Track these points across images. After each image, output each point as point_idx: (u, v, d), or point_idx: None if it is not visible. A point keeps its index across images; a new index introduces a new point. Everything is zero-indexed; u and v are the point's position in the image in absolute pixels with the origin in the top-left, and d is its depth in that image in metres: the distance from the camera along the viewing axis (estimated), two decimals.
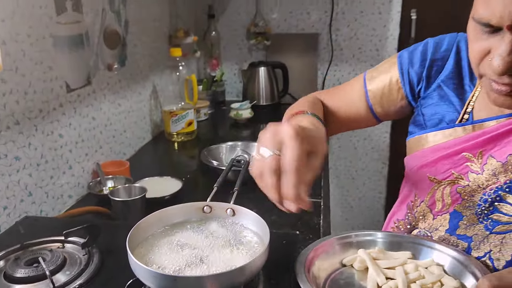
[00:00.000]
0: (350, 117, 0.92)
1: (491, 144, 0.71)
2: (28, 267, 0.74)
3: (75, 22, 1.20)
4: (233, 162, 0.89)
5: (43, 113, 1.09)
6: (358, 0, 2.17)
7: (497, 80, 0.62)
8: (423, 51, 0.83)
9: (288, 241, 0.84)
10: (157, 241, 0.72)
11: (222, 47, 2.32)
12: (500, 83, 0.62)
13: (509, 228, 0.68)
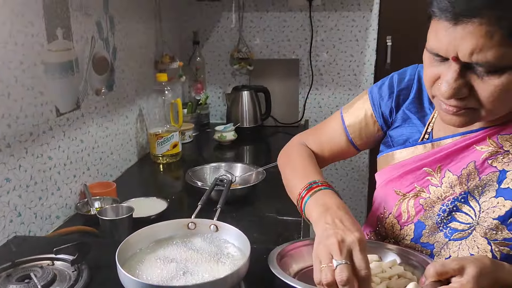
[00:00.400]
0: (334, 153, 1.00)
1: (448, 159, 0.78)
2: (19, 283, 0.78)
3: (65, 50, 1.26)
4: (216, 181, 0.95)
5: (33, 136, 1.13)
6: (337, 28, 2.28)
7: (445, 102, 0.69)
8: (389, 84, 0.91)
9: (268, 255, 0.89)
10: (145, 255, 0.76)
11: (207, 71, 2.40)
12: (448, 104, 0.69)
13: (464, 234, 0.75)
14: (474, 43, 0.62)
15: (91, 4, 1.40)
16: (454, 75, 0.66)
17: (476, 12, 0.61)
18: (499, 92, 0.65)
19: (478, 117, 0.70)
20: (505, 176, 0.73)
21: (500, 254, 0.72)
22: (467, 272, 0.62)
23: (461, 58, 0.64)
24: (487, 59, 0.62)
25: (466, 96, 0.67)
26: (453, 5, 0.62)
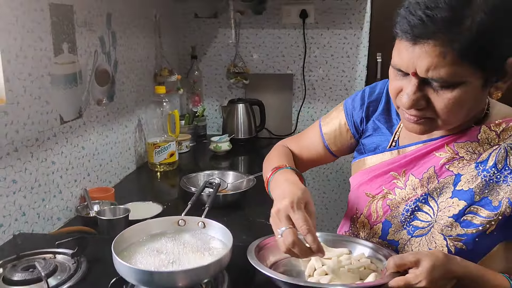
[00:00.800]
0: (312, 157, 1.10)
1: (411, 164, 0.87)
2: (24, 272, 0.86)
3: (70, 63, 1.36)
4: (206, 184, 1.03)
5: (38, 142, 1.22)
6: (329, 45, 2.39)
7: (407, 112, 0.79)
8: (361, 97, 1.01)
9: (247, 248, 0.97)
10: (138, 247, 0.85)
11: (204, 85, 2.50)
12: (409, 114, 0.78)
13: (424, 232, 0.83)
14: (429, 61, 0.71)
15: (95, 21, 1.50)
16: (413, 88, 0.75)
17: (431, 35, 0.70)
18: (452, 105, 0.74)
19: (435, 126, 0.79)
20: (460, 179, 0.81)
21: (455, 248, 0.80)
22: (422, 264, 0.71)
23: (419, 74, 0.73)
24: (440, 75, 0.71)
25: (424, 107, 0.76)
26: (412, 28, 0.72)
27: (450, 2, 0.69)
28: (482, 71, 0.72)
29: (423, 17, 0.70)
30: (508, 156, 0.79)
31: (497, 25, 0.69)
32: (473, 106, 0.78)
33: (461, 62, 0.70)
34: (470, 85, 0.73)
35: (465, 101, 0.74)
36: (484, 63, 0.71)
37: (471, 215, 0.79)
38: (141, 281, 0.74)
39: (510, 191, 0.77)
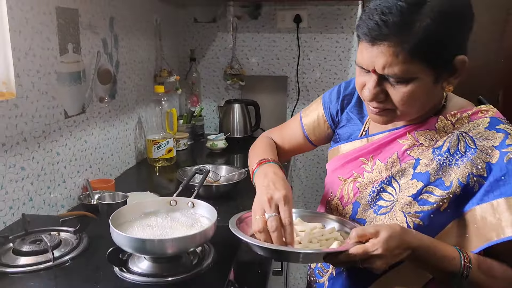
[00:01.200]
0: (293, 146, 1.21)
1: (378, 151, 0.97)
2: (32, 244, 0.96)
3: (75, 62, 1.47)
4: (196, 170, 1.14)
5: (45, 134, 1.33)
6: (322, 48, 2.50)
7: (370, 104, 0.89)
8: (337, 91, 1.12)
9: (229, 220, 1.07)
10: (133, 222, 0.95)
11: (202, 86, 2.61)
12: (372, 106, 0.89)
13: (387, 210, 0.93)
14: (385, 60, 0.81)
15: (99, 24, 1.62)
16: (373, 83, 0.86)
17: (385, 37, 0.80)
18: (407, 98, 0.84)
19: (395, 116, 0.89)
20: (419, 163, 0.91)
21: (413, 224, 0.89)
22: (380, 235, 0.80)
23: (377, 71, 0.84)
24: (395, 72, 0.82)
25: (383, 100, 0.87)
26: (370, 31, 0.82)
27: (401, 9, 0.79)
28: (432, 68, 0.82)
29: (379, 21, 0.80)
30: (460, 142, 0.89)
31: (442, 29, 0.79)
32: (427, 99, 0.88)
33: (412, 60, 0.80)
34: (422, 81, 0.83)
35: (418, 95, 0.84)
36: (433, 62, 0.81)
37: (427, 194, 0.89)
38: (135, 249, 0.84)
39: (460, 172, 0.87)
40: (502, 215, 0.82)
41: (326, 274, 1.04)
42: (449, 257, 0.84)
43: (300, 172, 2.66)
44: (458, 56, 0.83)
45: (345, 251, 0.80)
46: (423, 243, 0.84)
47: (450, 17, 0.80)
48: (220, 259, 0.95)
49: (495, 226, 0.82)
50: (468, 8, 0.84)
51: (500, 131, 0.87)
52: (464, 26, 0.83)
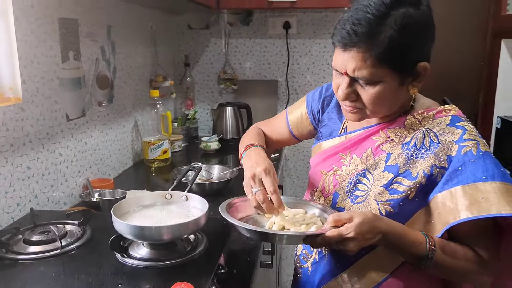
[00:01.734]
0: (279, 139, 1.33)
1: (354, 146, 1.08)
2: (41, 234, 1.06)
3: (75, 68, 1.57)
4: (190, 167, 1.23)
5: (48, 135, 1.43)
6: (310, 54, 2.61)
7: (343, 103, 1.00)
8: (320, 92, 1.23)
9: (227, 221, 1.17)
10: (132, 214, 1.05)
11: (196, 90, 2.72)
12: (345, 105, 1.00)
13: (362, 199, 1.03)
14: (355, 64, 0.92)
15: (97, 32, 1.72)
16: (345, 85, 0.97)
17: (355, 44, 0.91)
18: (375, 98, 0.95)
19: (366, 115, 1.00)
20: (390, 157, 1.02)
21: (385, 211, 0.99)
22: (354, 220, 0.91)
23: (349, 74, 0.94)
24: (363, 75, 0.93)
25: (355, 100, 0.98)
26: (342, 39, 0.93)
27: (369, 20, 0.90)
28: (397, 73, 0.93)
29: (350, 31, 0.91)
30: (425, 137, 1.00)
31: (404, 38, 0.90)
32: (393, 100, 0.99)
33: (379, 65, 0.91)
34: (388, 83, 0.94)
35: (384, 95, 0.95)
36: (397, 67, 0.92)
37: (396, 184, 0.99)
38: (134, 235, 0.94)
39: (425, 164, 0.97)
40: (458, 200, 0.92)
41: (310, 259, 1.14)
42: (416, 242, 0.94)
43: (291, 172, 2.76)
44: (420, 63, 0.94)
45: (322, 234, 0.90)
46: (393, 229, 0.94)
47: (411, 28, 0.91)
48: (211, 247, 1.05)
49: (453, 210, 0.92)
50: (428, 20, 0.94)
51: (459, 128, 0.98)
52: (425, 36, 0.94)
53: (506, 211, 0.88)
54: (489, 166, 0.92)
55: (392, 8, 0.90)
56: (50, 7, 1.41)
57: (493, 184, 0.91)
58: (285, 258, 2.82)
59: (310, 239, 0.92)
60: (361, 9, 0.91)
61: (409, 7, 0.91)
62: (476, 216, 0.90)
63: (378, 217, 0.95)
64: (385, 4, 0.90)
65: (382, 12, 0.90)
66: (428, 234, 0.96)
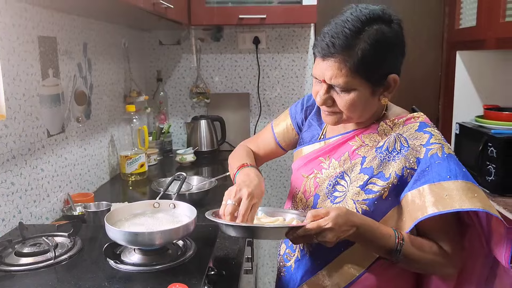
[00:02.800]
0: (267, 152, 1.41)
1: (333, 151, 1.17)
2: (32, 246, 1.09)
3: (54, 85, 1.60)
4: (174, 177, 1.29)
5: (31, 151, 1.45)
6: (280, 67, 2.71)
7: (322, 108, 1.10)
8: (301, 103, 1.33)
9: (213, 227, 1.23)
10: (124, 222, 1.09)
11: (169, 104, 2.76)
12: (323, 110, 1.10)
13: (341, 199, 1.11)
14: (331, 72, 1.02)
15: (74, 50, 1.75)
16: (323, 91, 1.07)
17: (332, 55, 1.01)
18: (349, 104, 1.05)
19: (342, 119, 1.10)
20: (365, 160, 1.11)
21: (361, 210, 1.08)
22: (330, 213, 0.99)
23: (326, 81, 1.04)
24: (339, 83, 1.02)
25: (331, 105, 1.08)
26: (321, 49, 1.03)
27: (345, 34, 1.00)
28: (369, 83, 1.03)
29: (329, 42, 1.01)
30: (396, 142, 1.10)
31: (376, 52, 1.01)
32: (365, 107, 1.08)
33: (353, 74, 1.01)
34: (361, 92, 1.04)
35: (357, 103, 1.05)
36: (370, 77, 1.03)
37: (371, 185, 1.08)
38: (128, 241, 0.99)
39: (396, 166, 1.07)
40: (426, 197, 1.02)
41: (292, 258, 1.21)
42: (386, 235, 1.03)
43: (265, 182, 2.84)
44: (391, 75, 1.05)
45: (303, 226, 0.98)
46: (365, 223, 1.03)
47: (382, 43, 1.02)
48: (200, 251, 1.10)
49: (421, 207, 1.02)
50: (398, 37, 1.05)
51: (426, 133, 1.08)
52: (395, 51, 1.06)
53: (467, 206, 0.98)
54: (452, 167, 1.03)
55: (367, 25, 1.01)
56: (29, 26, 1.44)
57: (456, 183, 1.01)
58: (261, 266, 2.88)
59: (292, 232, 0.99)
60: (340, 24, 1.02)
61: (382, 24, 1.02)
62: (442, 211, 0.99)
63: (352, 212, 1.04)
64: (361, 21, 1.01)
65: (357, 28, 1.01)
66: (397, 229, 1.05)
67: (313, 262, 1.15)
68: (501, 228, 1.01)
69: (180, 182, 1.27)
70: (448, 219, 1.04)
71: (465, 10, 2.49)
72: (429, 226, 1.05)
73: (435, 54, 2.79)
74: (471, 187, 1.01)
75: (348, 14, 1.03)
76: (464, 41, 2.47)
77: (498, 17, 2.03)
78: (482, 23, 2.19)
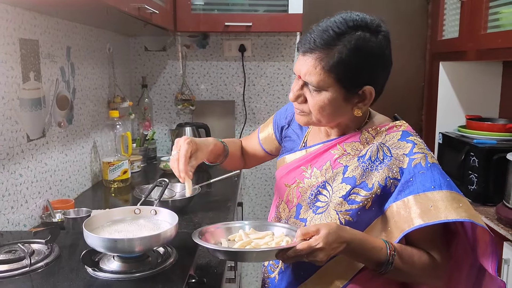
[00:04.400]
0: (255, 154, 1.42)
1: (314, 160, 1.16)
2: (7, 253, 1.05)
3: (36, 89, 1.57)
4: (157, 183, 1.27)
5: (9, 156, 1.41)
6: (265, 75, 2.72)
7: (294, 105, 1.11)
8: (285, 109, 1.33)
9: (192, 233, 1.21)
10: (103, 229, 1.07)
11: (154, 111, 2.74)
12: (295, 107, 1.11)
13: (323, 210, 1.10)
14: (306, 69, 1.02)
15: (57, 53, 1.73)
16: (297, 87, 1.07)
17: (311, 51, 1.01)
18: (318, 105, 1.04)
19: (311, 121, 1.09)
20: (347, 169, 1.10)
21: (344, 220, 1.07)
22: (320, 232, 0.96)
23: (302, 77, 1.04)
24: (311, 80, 1.02)
25: (302, 102, 1.08)
26: (303, 45, 1.03)
27: (328, 34, 1.00)
28: (341, 87, 1.02)
29: (310, 40, 1.02)
30: (379, 151, 1.09)
31: (353, 58, 1.00)
32: (336, 112, 1.07)
33: (326, 74, 1.01)
34: (332, 95, 1.03)
35: (327, 105, 1.04)
36: (343, 81, 1.02)
37: (354, 195, 1.07)
38: (107, 248, 0.96)
39: (379, 176, 1.06)
40: (411, 209, 1.01)
41: (276, 269, 1.19)
42: (377, 248, 1.01)
43: (249, 190, 2.83)
44: (367, 86, 1.04)
45: (293, 247, 0.95)
46: (356, 237, 1.00)
47: (362, 51, 1.01)
48: (181, 259, 1.08)
49: (407, 218, 1.01)
50: (381, 49, 1.03)
51: (409, 142, 1.08)
52: (374, 62, 1.04)
53: (453, 217, 0.98)
54: (436, 177, 1.02)
55: (351, 29, 1.01)
56: (10, 28, 1.41)
57: (441, 193, 1.00)
58: (245, 276, 2.86)
59: (282, 253, 0.96)
60: (327, 24, 1.02)
61: (367, 32, 1.01)
62: (428, 223, 0.99)
63: (342, 227, 1.01)
64: (347, 25, 1.01)
65: (341, 31, 1.00)
66: (388, 241, 1.04)
67: (297, 274, 1.13)
68: (487, 236, 1.01)
69: (162, 188, 1.25)
70: (435, 229, 1.03)
71: (447, 22, 2.53)
72: (416, 237, 1.04)
73: (418, 64, 2.83)
74: (456, 196, 1.01)
75: (339, 16, 1.03)
76: (446, 52, 2.51)
77: (480, 29, 2.06)
78: (464, 35, 2.23)
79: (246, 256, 1.03)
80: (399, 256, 1.02)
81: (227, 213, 1.74)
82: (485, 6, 2.04)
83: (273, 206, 1.28)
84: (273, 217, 1.27)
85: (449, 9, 2.50)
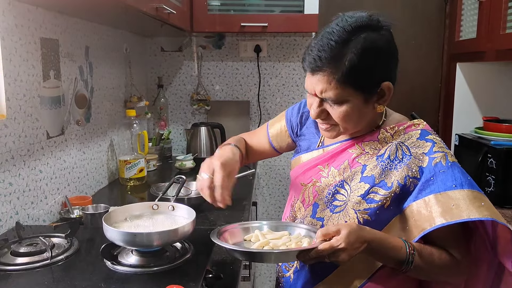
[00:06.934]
0: (261, 150, 1.39)
1: (332, 159, 1.15)
2: (29, 246, 1.07)
3: (55, 87, 1.60)
4: (174, 180, 1.28)
5: (29, 152, 1.44)
6: (280, 75, 2.72)
7: (318, 121, 1.09)
8: (298, 107, 1.31)
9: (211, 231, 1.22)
10: (122, 223, 1.08)
11: (170, 111, 2.76)
12: (320, 123, 1.09)
13: (341, 209, 1.09)
14: (321, 86, 1.01)
15: (76, 53, 1.76)
16: (316, 105, 1.06)
17: (320, 69, 1.00)
18: (343, 116, 1.03)
19: (339, 131, 1.08)
20: (365, 168, 1.10)
21: (363, 220, 1.06)
22: (341, 232, 0.95)
23: (318, 95, 1.03)
24: (330, 96, 1.01)
25: (326, 117, 1.06)
26: (309, 64, 1.02)
27: (331, 46, 0.99)
28: (361, 92, 1.02)
29: (315, 57, 1.00)
30: (398, 150, 1.08)
31: (364, 61, 0.98)
32: (360, 117, 1.06)
33: (343, 86, 1.00)
34: (353, 103, 1.02)
35: (351, 113, 1.03)
36: (360, 87, 1.01)
37: (373, 194, 1.06)
38: (126, 242, 0.98)
39: (399, 175, 1.05)
40: (432, 208, 1.00)
41: (291, 268, 1.19)
42: (397, 247, 1.01)
43: (263, 190, 2.83)
44: (384, 82, 1.03)
45: (314, 248, 0.95)
46: (376, 237, 1.00)
47: (371, 51, 0.99)
48: (198, 254, 1.09)
49: (428, 217, 1.00)
50: (388, 43, 1.03)
51: (429, 141, 1.07)
52: (385, 57, 1.03)
53: (475, 216, 0.97)
54: (457, 175, 1.01)
55: (353, 34, 0.99)
56: (32, 27, 1.44)
57: (462, 192, 1.00)
58: (258, 275, 2.86)
59: (303, 254, 0.96)
60: (326, 36, 1.00)
61: (370, 31, 1.00)
62: (450, 221, 0.98)
63: (362, 227, 1.00)
64: (347, 31, 0.99)
65: (343, 39, 0.99)
66: (407, 240, 1.03)
67: (313, 273, 1.13)
68: (508, 234, 1.00)
69: (180, 185, 1.26)
70: (455, 227, 1.02)
71: (465, 22, 2.51)
72: (436, 235, 1.03)
73: (435, 65, 2.80)
74: (477, 195, 1.00)
75: (334, 25, 1.01)
76: (464, 53, 2.48)
77: (499, 29, 2.04)
78: (482, 35, 2.20)
79: (266, 257, 1.02)
80: (419, 254, 1.02)
81: (242, 212, 1.74)
82: (504, 6, 2.01)
83: (288, 205, 1.28)
84: (287, 216, 1.27)
85: (467, 10, 2.48)
